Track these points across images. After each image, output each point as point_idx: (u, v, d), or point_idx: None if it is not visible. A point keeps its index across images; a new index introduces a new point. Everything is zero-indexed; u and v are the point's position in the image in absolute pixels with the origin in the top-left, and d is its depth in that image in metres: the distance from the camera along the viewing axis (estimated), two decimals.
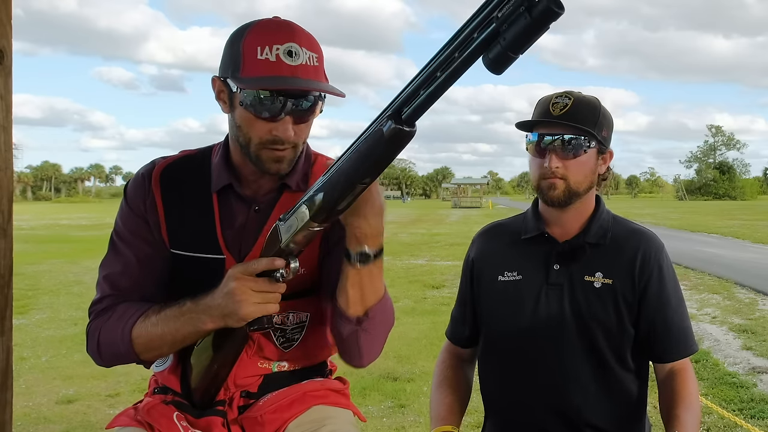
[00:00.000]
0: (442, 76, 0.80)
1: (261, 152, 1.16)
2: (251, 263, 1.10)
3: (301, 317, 1.29)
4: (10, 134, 1.43)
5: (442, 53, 0.80)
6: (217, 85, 1.19)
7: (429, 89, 0.82)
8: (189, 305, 1.15)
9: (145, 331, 1.18)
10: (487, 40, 0.75)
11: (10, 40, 1.40)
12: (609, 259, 1.47)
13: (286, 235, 1.07)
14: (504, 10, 0.73)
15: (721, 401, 3.86)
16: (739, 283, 8.56)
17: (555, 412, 1.46)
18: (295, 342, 1.30)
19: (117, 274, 1.26)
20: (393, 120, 0.85)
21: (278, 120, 1.13)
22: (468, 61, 0.78)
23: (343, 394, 1.38)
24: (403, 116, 0.85)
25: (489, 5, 0.75)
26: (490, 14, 0.75)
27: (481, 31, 0.76)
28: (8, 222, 1.43)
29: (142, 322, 1.19)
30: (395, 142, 0.87)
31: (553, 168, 1.42)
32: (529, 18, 0.71)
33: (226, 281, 1.11)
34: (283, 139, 1.14)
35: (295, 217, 1.05)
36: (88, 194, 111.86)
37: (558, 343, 1.46)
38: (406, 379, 4.35)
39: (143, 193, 1.27)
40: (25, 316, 6.57)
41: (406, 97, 0.84)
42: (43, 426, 3.53)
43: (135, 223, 1.27)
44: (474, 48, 0.77)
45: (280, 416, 1.26)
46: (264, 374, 1.30)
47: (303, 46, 1.12)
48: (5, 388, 1.45)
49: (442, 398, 1.54)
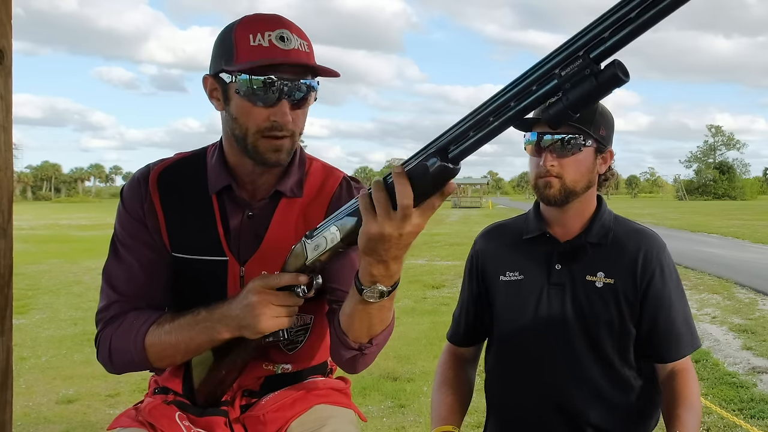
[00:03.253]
0: (494, 122, 0.81)
1: (259, 142, 1.15)
2: (273, 277, 1.10)
3: (305, 320, 1.29)
4: (10, 134, 1.43)
5: (498, 99, 0.80)
6: (209, 83, 1.19)
7: (479, 133, 0.82)
8: (204, 314, 1.15)
9: (159, 340, 1.17)
10: (547, 95, 0.76)
11: (10, 40, 1.40)
12: (611, 258, 1.47)
13: (313, 253, 1.07)
14: (568, 70, 0.74)
15: (721, 401, 3.86)
16: (739, 283, 8.55)
17: (557, 412, 1.46)
18: (299, 344, 1.30)
19: (121, 280, 1.25)
20: (439, 157, 0.85)
21: (275, 105, 1.13)
22: (524, 112, 0.79)
23: (344, 394, 1.39)
24: (449, 155, 0.85)
25: (551, 62, 0.75)
26: (552, 70, 0.75)
27: (541, 85, 0.76)
28: (8, 222, 1.43)
29: (155, 330, 1.18)
30: (438, 179, 0.86)
31: (548, 166, 1.42)
32: (596, 83, 0.72)
33: (246, 293, 1.10)
34: (282, 124, 1.14)
35: (324, 237, 1.04)
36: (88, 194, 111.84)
37: (560, 343, 1.46)
38: (406, 379, 4.34)
39: (140, 197, 1.26)
40: (25, 316, 6.57)
41: (454, 137, 0.84)
42: (43, 426, 3.53)
43: (135, 228, 1.26)
44: (532, 100, 0.77)
45: (282, 415, 1.26)
46: (267, 375, 1.30)
47: (294, 33, 1.14)
48: (5, 388, 1.45)
49: (443, 398, 1.54)
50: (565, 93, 0.74)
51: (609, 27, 0.71)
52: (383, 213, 0.89)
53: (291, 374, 1.32)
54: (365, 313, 1.06)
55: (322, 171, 1.32)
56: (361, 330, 1.10)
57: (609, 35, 0.71)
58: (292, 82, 1.13)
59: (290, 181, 1.26)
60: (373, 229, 0.90)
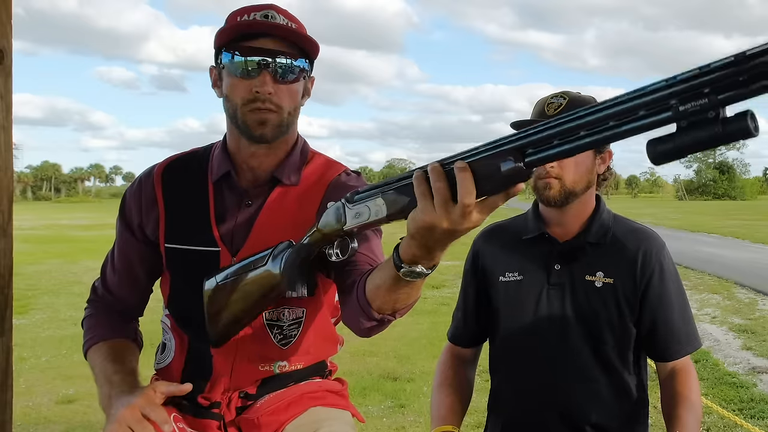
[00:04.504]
0: (586, 138, 0.72)
1: (246, 116, 1.18)
2: (154, 407, 1.18)
3: (296, 313, 1.28)
4: (10, 134, 1.43)
5: (596, 113, 0.71)
6: (213, 74, 1.25)
7: (566, 145, 0.74)
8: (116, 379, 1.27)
9: (90, 362, 1.35)
10: (654, 124, 0.66)
11: (10, 40, 1.40)
12: (610, 258, 1.47)
13: (353, 221, 1.01)
14: (688, 106, 0.63)
15: (721, 401, 3.86)
16: (739, 283, 8.56)
17: (557, 411, 1.46)
18: (293, 338, 1.28)
19: (108, 272, 1.39)
20: (514, 158, 0.78)
21: (257, 77, 1.16)
22: (622, 135, 0.70)
23: (341, 395, 1.37)
24: (526, 158, 0.78)
25: (668, 89, 0.64)
26: (668, 99, 0.64)
27: (652, 112, 0.66)
28: (8, 222, 1.43)
29: (94, 352, 1.33)
30: (510, 181, 0.80)
31: (548, 168, 1.42)
32: (721, 130, 0.61)
33: (127, 400, 1.19)
34: (262, 94, 1.16)
35: (367, 207, 0.98)
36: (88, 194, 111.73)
37: (559, 343, 1.46)
38: (406, 379, 4.35)
39: (138, 196, 1.32)
40: (25, 316, 6.57)
41: (537, 140, 0.77)
42: (43, 426, 3.54)
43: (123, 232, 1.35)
44: (636, 126, 0.68)
45: (277, 418, 1.25)
46: (264, 377, 1.29)
47: (281, 14, 1.19)
48: (5, 388, 1.45)
49: (443, 398, 1.54)
50: (680, 132, 0.64)
51: (749, 71, 0.59)
52: (442, 205, 0.83)
53: (287, 374, 1.30)
54: (396, 288, 1.01)
55: (324, 163, 1.33)
56: (387, 303, 1.05)
57: (748, 80, 0.59)
58: (273, 57, 1.16)
59: (288, 169, 1.26)
60: (428, 218, 0.85)
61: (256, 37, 1.16)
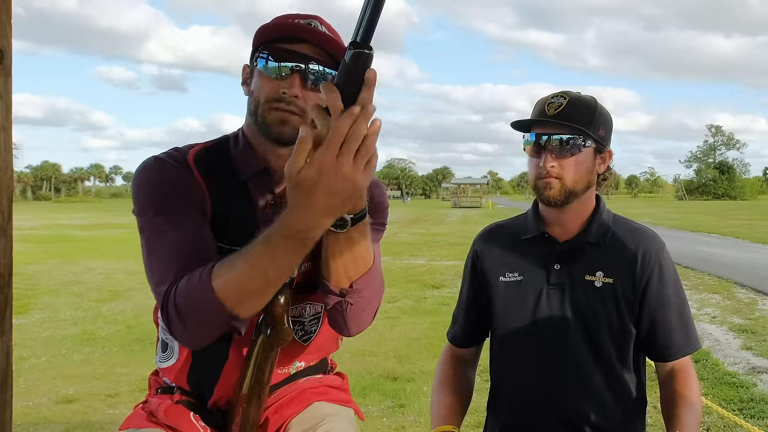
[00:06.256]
0: None
1: (267, 114, 1.16)
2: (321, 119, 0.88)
3: (317, 308, 1.27)
4: (10, 134, 1.42)
5: None
6: (245, 71, 1.24)
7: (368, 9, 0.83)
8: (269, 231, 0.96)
9: (231, 275, 0.99)
10: None
11: (10, 40, 1.40)
12: (609, 258, 1.47)
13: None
14: None
15: (721, 401, 3.86)
16: (739, 283, 8.56)
17: (556, 411, 1.46)
18: (313, 334, 1.27)
19: (173, 255, 1.08)
20: (349, 48, 0.84)
21: (287, 79, 1.15)
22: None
23: (342, 390, 1.38)
24: (357, 41, 0.83)
25: None
26: None
27: None
28: (8, 222, 1.42)
29: (221, 267, 1.01)
30: (358, 67, 0.84)
31: (548, 167, 1.42)
32: None
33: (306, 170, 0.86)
34: (289, 96, 1.14)
35: None
36: (88, 194, 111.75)
37: (559, 343, 1.46)
38: (406, 379, 4.35)
39: (185, 175, 1.17)
40: (25, 316, 6.56)
41: (355, 29, 0.84)
42: (43, 426, 3.53)
43: (182, 192, 1.14)
44: None
45: (281, 415, 1.26)
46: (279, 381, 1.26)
47: (324, 25, 1.19)
48: (5, 388, 1.44)
49: (443, 398, 1.54)
50: None
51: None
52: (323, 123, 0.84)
53: (299, 373, 1.30)
54: (335, 249, 1.04)
55: None
56: (337, 271, 1.07)
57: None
58: (307, 62, 1.15)
59: None
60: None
61: (295, 41, 1.15)
